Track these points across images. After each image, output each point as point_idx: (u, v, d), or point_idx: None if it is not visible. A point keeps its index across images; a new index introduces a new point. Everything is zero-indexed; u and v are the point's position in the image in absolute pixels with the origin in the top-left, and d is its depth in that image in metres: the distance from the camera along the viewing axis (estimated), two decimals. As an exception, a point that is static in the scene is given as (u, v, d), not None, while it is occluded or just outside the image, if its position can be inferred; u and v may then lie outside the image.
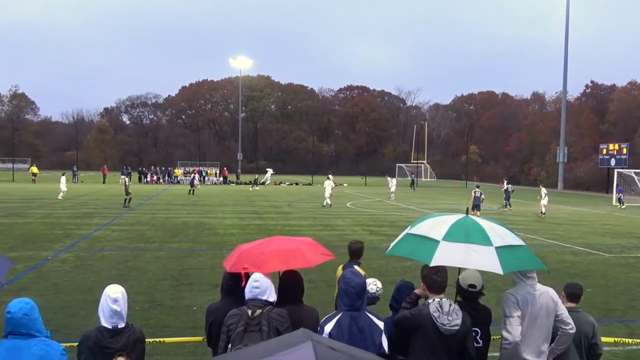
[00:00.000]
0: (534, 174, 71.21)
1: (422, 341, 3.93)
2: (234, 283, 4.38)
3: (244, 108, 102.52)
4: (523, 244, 4.41)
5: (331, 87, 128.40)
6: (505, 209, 31.19)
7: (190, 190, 40.07)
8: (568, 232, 21.43)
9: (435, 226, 4.36)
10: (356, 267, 5.74)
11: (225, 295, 4.48)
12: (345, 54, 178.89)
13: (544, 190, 28.20)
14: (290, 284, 4.41)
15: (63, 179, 33.81)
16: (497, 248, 4.09)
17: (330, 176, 34.32)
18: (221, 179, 59.74)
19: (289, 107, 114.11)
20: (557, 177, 59.26)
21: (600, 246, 17.60)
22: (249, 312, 3.84)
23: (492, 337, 4.64)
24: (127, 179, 30.94)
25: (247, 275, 4.15)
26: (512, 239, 4.34)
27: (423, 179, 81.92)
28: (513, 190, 32.94)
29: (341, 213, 27.48)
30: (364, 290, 3.97)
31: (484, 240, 4.14)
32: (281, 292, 4.28)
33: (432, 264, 4.00)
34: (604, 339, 6.71)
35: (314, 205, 32.01)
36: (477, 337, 4.33)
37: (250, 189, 47.24)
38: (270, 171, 54.38)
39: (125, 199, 28.44)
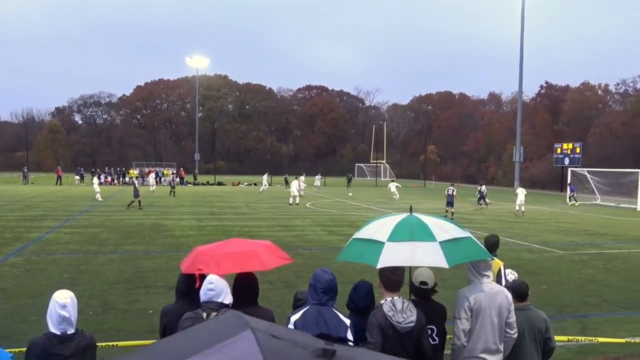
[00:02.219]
0: (491, 173, 72.88)
1: (382, 340, 3.95)
2: (189, 285, 4.30)
3: (201, 108, 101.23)
4: (468, 235, 4.42)
5: (290, 87, 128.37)
6: (481, 207, 31.95)
7: (170, 191, 39.15)
8: (524, 230, 21.94)
9: (380, 228, 4.39)
10: (495, 258, 6.64)
11: (179, 297, 4.41)
12: (304, 54, 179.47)
13: (520, 190, 29.06)
14: (244, 286, 4.37)
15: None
16: (441, 243, 4.12)
17: (302, 177, 34.88)
18: (178, 179, 58.77)
19: (247, 107, 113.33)
20: (514, 176, 60.63)
21: (555, 243, 18.05)
22: (204, 314, 3.78)
23: (447, 335, 4.67)
24: (136, 181, 31.21)
25: (202, 277, 4.07)
26: (457, 232, 4.37)
27: (382, 179, 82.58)
28: (485, 191, 33.82)
29: (300, 213, 27.44)
30: (332, 287, 4.00)
31: (428, 236, 4.17)
32: (236, 293, 4.23)
33: (379, 266, 4.02)
34: (560, 337, 6.91)
35: (272, 205, 31.89)
36: (433, 335, 4.35)
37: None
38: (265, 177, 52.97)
39: (134, 202, 28.44)
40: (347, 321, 3.93)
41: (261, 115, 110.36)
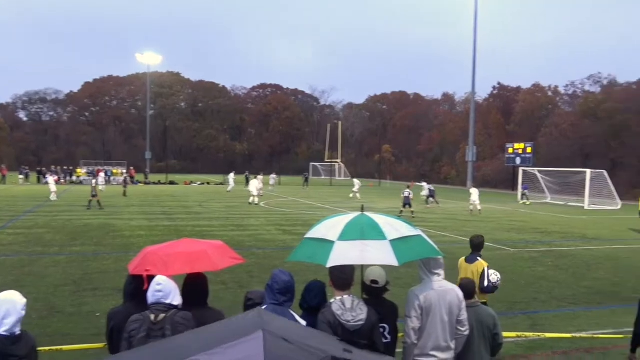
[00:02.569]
0: (445, 172, 74.14)
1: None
2: (136, 286, 4.17)
3: (152, 105, 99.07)
4: (419, 233, 4.47)
5: (244, 85, 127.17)
6: (429, 206, 32.46)
7: (123, 191, 38.00)
8: (477, 228, 22.35)
9: (331, 227, 4.40)
10: (479, 258, 7.09)
11: (127, 299, 4.27)
12: (258, 52, 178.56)
13: (474, 190, 30.25)
14: (194, 287, 4.29)
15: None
16: (391, 241, 4.15)
17: (259, 176, 34.79)
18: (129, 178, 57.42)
19: (200, 104, 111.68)
20: (467, 175, 61.84)
21: (506, 241, 18.51)
22: (152, 316, 3.66)
23: (399, 333, 4.69)
24: (93, 180, 30.47)
25: (150, 278, 3.93)
26: (408, 230, 4.40)
27: (337, 178, 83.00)
28: (433, 190, 34.76)
29: (254, 213, 27.23)
30: (289, 288, 4.02)
31: (379, 235, 4.20)
32: (185, 295, 4.14)
33: (328, 265, 4.03)
34: (509, 333, 7.05)
35: (226, 205, 31.54)
36: (385, 333, 4.36)
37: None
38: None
39: (92, 200, 27.69)
40: (303, 322, 3.93)
41: (215, 114, 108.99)
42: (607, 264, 14.72)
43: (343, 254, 4.07)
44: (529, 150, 51.32)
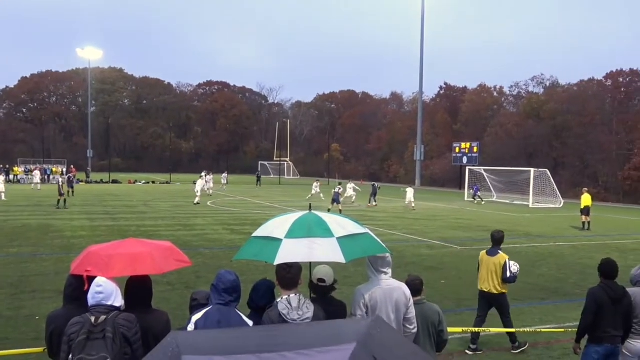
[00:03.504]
0: (394, 171, 75.09)
1: None
2: (76, 288, 4.00)
3: (94, 102, 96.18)
4: (366, 231, 4.51)
5: (190, 82, 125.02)
6: (371, 205, 32.76)
7: (69, 191, 36.36)
8: (425, 227, 22.75)
9: (279, 225, 4.42)
10: (500, 252, 7.63)
11: (67, 301, 4.10)
12: (205, 49, 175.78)
13: (409, 189, 32.00)
14: (137, 288, 4.17)
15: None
16: (338, 238, 4.18)
17: (203, 174, 34.21)
18: (69, 177, 55.38)
19: (145, 102, 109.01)
20: (415, 174, 62.79)
21: (453, 239, 18.88)
22: (92, 319, 3.53)
23: None
24: (60, 178, 29.93)
25: (91, 279, 3.77)
26: (355, 228, 4.43)
27: (286, 177, 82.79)
28: (379, 187, 35.14)
29: (201, 212, 26.80)
30: (235, 288, 3.97)
31: (326, 232, 4.23)
32: (128, 296, 4.02)
33: (276, 262, 4.03)
34: (455, 329, 7.15)
35: (172, 204, 30.91)
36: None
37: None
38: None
39: (59, 200, 27.15)
40: (250, 322, 3.92)
41: (159, 111, 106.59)
42: (550, 261, 15.21)
43: (290, 252, 4.08)
44: (475, 149, 52.47)
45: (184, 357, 1.90)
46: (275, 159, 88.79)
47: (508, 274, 7.63)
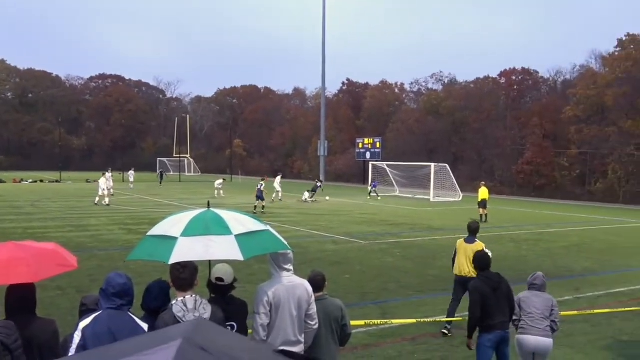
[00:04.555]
0: (298, 167, 75.24)
1: None
2: None
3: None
4: (266, 228, 4.51)
5: (80, 75, 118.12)
6: (311, 200, 33.17)
7: None
8: (329, 222, 22.91)
9: (175, 223, 4.35)
10: (477, 240, 8.48)
11: None
12: (96, 40, 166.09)
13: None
14: (15, 297, 3.88)
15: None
16: (237, 236, 4.17)
17: (108, 172, 32.43)
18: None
19: (30, 95, 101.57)
20: (319, 170, 63.22)
21: (357, 234, 19.11)
22: None
23: (249, 331, 4.67)
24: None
25: None
26: (255, 226, 4.43)
27: (187, 174, 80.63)
28: (321, 186, 35.82)
29: (95, 212, 25.37)
30: (126, 291, 3.81)
31: (224, 230, 4.21)
32: (7, 306, 3.77)
33: (171, 261, 3.95)
34: (358, 322, 7.16)
35: (63, 204, 29.01)
36: (233, 331, 4.28)
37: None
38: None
39: None
40: (145, 325, 3.79)
41: (47, 105, 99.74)
42: (451, 253, 15.75)
43: (186, 250, 4.01)
44: (377, 145, 53.71)
45: None
46: (174, 155, 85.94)
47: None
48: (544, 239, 19.02)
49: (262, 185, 27.44)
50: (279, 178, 34.27)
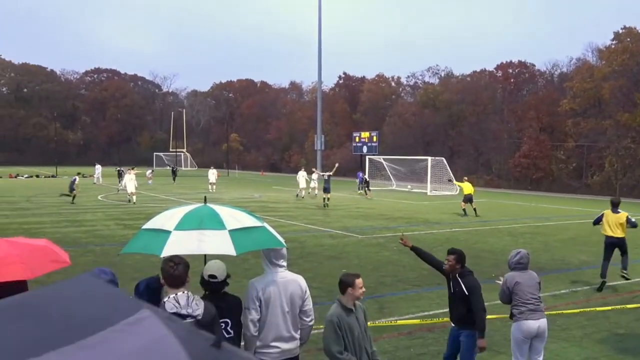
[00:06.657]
0: (295, 161, 75.00)
1: None
2: None
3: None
4: (262, 225, 4.52)
5: (76, 69, 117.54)
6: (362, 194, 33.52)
7: None
8: (326, 216, 22.86)
9: (170, 218, 4.36)
10: (620, 211, 10.94)
11: None
12: (91, 34, 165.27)
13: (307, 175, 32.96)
14: (10, 293, 3.65)
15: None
16: (230, 231, 4.18)
17: (131, 170, 31.93)
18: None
19: (25, 90, 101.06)
20: (316, 164, 63.11)
21: (354, 228, 19.06)
22: None
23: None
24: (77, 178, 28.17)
25: None
26: (250, 222, 4.44)
27: (183, 168, 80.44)
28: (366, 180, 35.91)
29: (91, 207, 25.28)
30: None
31: (218, 224, 4.22)
32: None
33: (163, 255, 3.96)
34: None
35: (58, 199, 28.86)
36: (228, 328, 4.32)
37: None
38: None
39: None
40: None
41: (42, 100, 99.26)
42: (447, 246, 15.62)
43: (179, 244, 4.02)
44: (374, 138, 53.48)
45: None
46: (171, 149, 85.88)
47: (633, 220, 10.78)
48: (541, 232, 19.03)
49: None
50: (315, 174, 33.74)
